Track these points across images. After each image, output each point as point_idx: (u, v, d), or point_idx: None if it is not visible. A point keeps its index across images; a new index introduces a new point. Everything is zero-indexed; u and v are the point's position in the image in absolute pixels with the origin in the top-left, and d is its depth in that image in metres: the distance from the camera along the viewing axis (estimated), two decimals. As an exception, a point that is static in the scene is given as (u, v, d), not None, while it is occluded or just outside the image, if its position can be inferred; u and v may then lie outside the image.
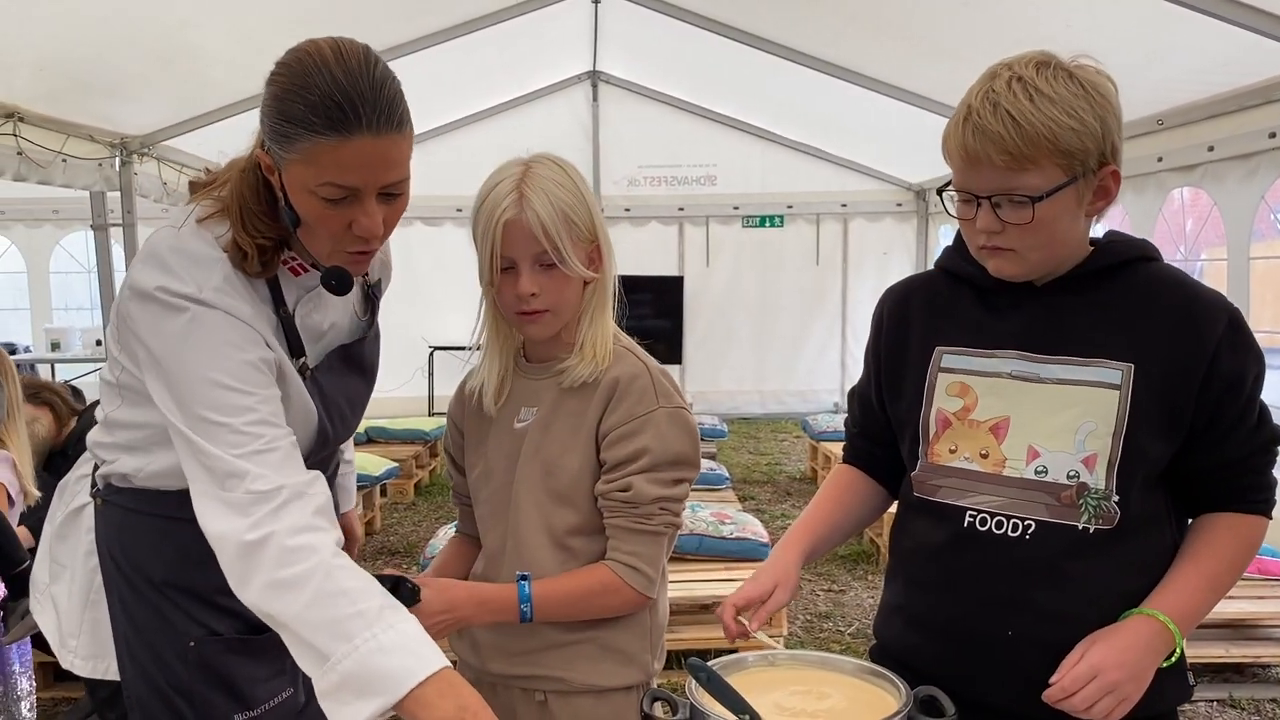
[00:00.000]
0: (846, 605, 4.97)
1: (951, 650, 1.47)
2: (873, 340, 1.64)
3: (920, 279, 1.62)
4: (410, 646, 1.23)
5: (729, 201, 9.63)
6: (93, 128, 5.63)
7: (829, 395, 9.82)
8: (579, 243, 1.50)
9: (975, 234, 1.41)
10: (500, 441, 1.60)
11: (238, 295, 1.45)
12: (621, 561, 1.52)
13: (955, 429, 1.47)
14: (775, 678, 1.34)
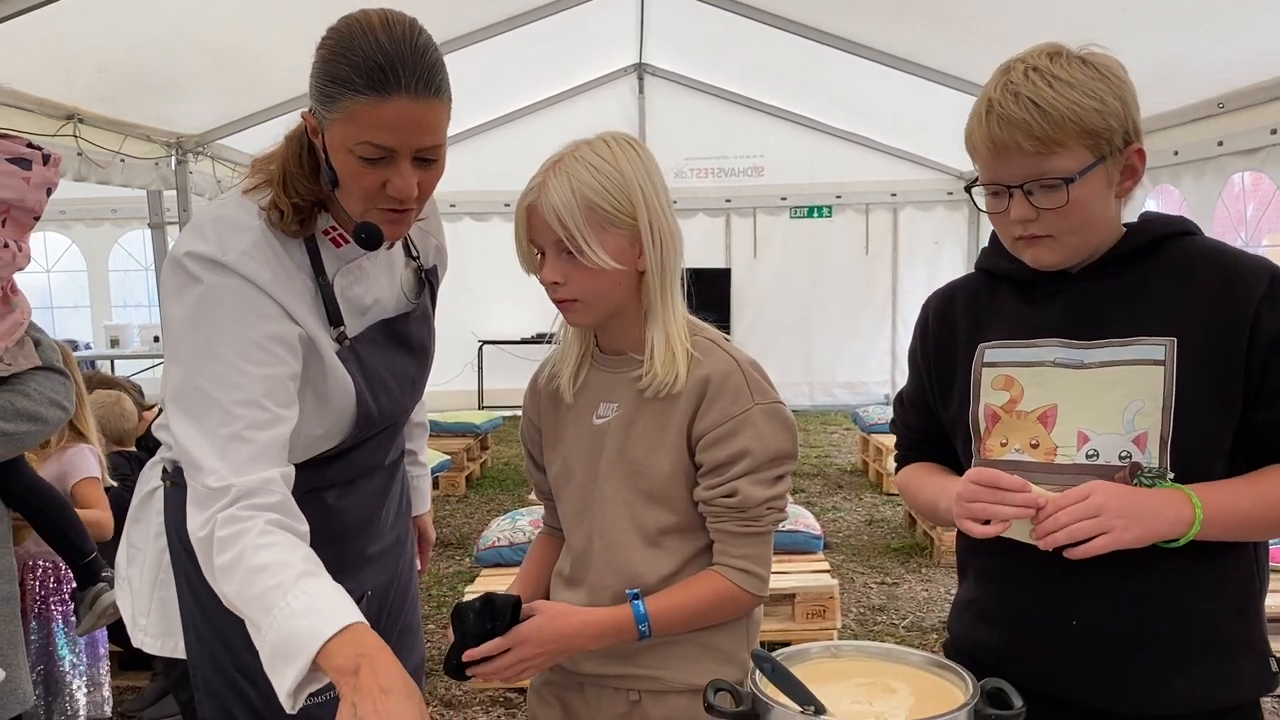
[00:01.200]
0: (900, 598, 4.92)
1: (1019, 642, 1.46)
2: (919, 344, 1.63)
3: (961, 282, 1.62)
4: (318, 606, 1.26)
5: (776, 192, 9.58)
6: (149, 128, 5.73)
7: (879, 387, 9.74)
8: (610, 229, 1.42)
9: (1009, 225, 1.41)
10: (579, 438, 1.55)
11: (263, 261, 1.47)
12: (734, 566, 1.48)
13: (1004, 422, 1.46)
14: (839, 669, 1.32)
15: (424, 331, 1.72)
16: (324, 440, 1.59)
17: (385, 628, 1.77)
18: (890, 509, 6.50)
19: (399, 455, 1.82)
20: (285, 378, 1.45)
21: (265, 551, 1.31)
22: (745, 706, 1.25)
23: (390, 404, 1.64)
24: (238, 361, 1.41)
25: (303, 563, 1.31)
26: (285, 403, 1.44)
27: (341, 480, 1.66)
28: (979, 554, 1.56)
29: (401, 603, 1.84)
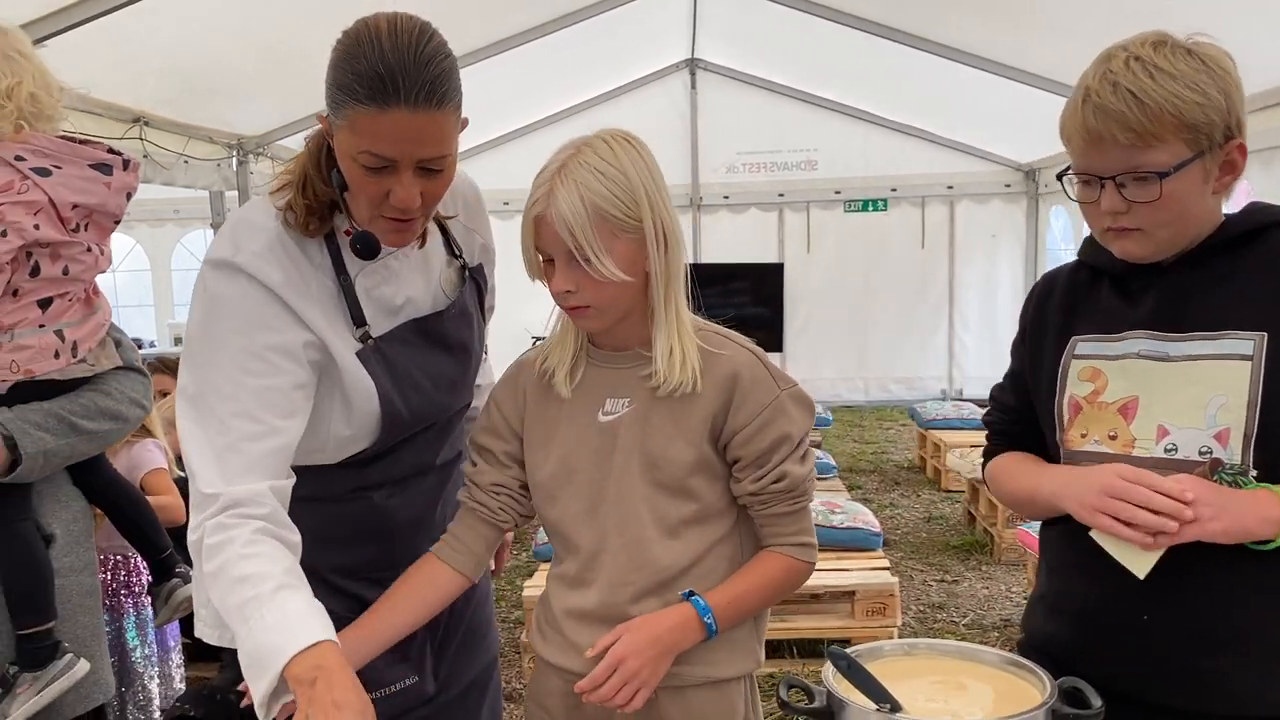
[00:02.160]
0: (960, 596, 4.87)
1: (1089, 637, 1.44)
2: (1022, 323, 1.63)
3: (1065, 270, 1.60)
4: (289, 622, 1.28)
5: (830, 186, 9.49)
6: (212, 129, 5.84)
7: (936, 382, 9.62)
8: (621, 235, 1.41)
9: (1099, 216, 1.40)
10: (582, 436, 1.53)
11: (274, 262, 1.47)
12: (792, 543, 1.52)
13: (1085, 413, 1.45)
14: (912, 667, 1.32)
15: (464, 330, 1.69)
16: (354, 441, 1.58)
17: (450, 627, 1.76)
18: (949, 506, 6.43)
19: (454, 456, 1.79)
20: (287, 388, 1.45)
21: (247, 563, 1.32)
22: (820, 703, 1.24)
23: (423, 404, 1.62)
24: (234, 373, 1.43)
25: (282, 575, 1.32)
26: (285, 413, 1.45)
27: (389, 480, 1.65)
28: (1051, 546, 1.55)
29: (466, 604, 1.80)
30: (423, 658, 1.71)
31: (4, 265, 1.77)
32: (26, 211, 1.78)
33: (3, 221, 1.76)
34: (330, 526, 1.63)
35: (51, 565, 1.87)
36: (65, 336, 1.89)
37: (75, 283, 1.90)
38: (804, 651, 4.02)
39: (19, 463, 1.81)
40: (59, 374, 1.89)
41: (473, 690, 1.82)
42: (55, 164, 1.83)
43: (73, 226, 1.86)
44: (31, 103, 1.82)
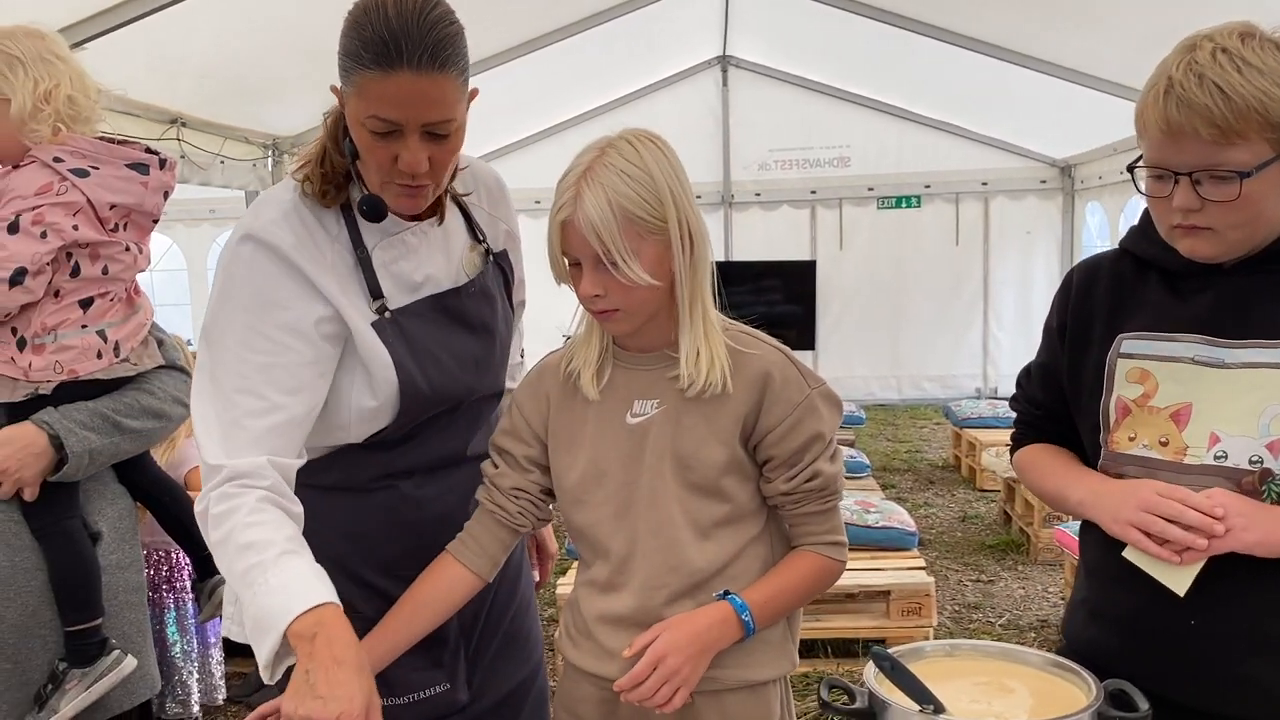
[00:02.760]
0: (996, 596, 4.83)
1: (1133, 643, 1.42)
2: (1056, 318, 1.57)
3: (1108, 258, 1.55)
4: (292, 585, 1.30)
5: (863, 183, 9.45)
6: (247, 130, 5.91)
7: (970, 381, 9.55)
8: (648, 237, 1.40)
9: (1169, 213, 1.35)
10: (612, 439, 1.52)
11: (288, 227, 1.50)
12: (824, 542, 1.52)
13: (1135, 416, 1.42)
14: (955, 667, 1.31)
15: (485, 310, 1.68)
16: (379, 413, 1.58)
17: (484, 634, 1.75)
18: (984, 505, 6.38)
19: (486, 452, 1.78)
20: (292, 365, 1.48)
21: (252, 530, 1.35)
22: (861, 704, 1.24)
23: (445, 379, 1.60)
24: (240, 350, 1.46)
25: (285, 542, 1.35)
26: (289, 390, 1.47)
27: (417, 468, 1.65)
28: (1090, 550, 1.52)
29: (505, 610, 1.79)
30: (456, 664, 1.70)
31: (45, 266, 1.80)
32: (65, 213, 1.81)
33: (42, 223, 1.78)
34: (360, 519, 1.63)
35: (99, 562, 1.90)
36: (108, 337, 1.91)
37: (115, 282, 1.93)
38: (838, 651, 4.01)
39: (65, 462, 1.83)
40: (103, 374, 1.91)
41: (510, 700, 1.79)
42: (93, 164, 1.85)
43: (111, 226, 1.89)
44: (69, 105, 1.84)
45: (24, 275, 1.77)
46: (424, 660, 1.66)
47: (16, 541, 1.82)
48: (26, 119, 1.79)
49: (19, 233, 1.77)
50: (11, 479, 1.79)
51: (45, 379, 1.85)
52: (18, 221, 1.77)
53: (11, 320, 1.82)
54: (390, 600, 1.63)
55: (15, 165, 1.82)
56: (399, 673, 1.63)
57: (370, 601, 1.63)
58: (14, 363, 1.83)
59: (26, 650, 1.83)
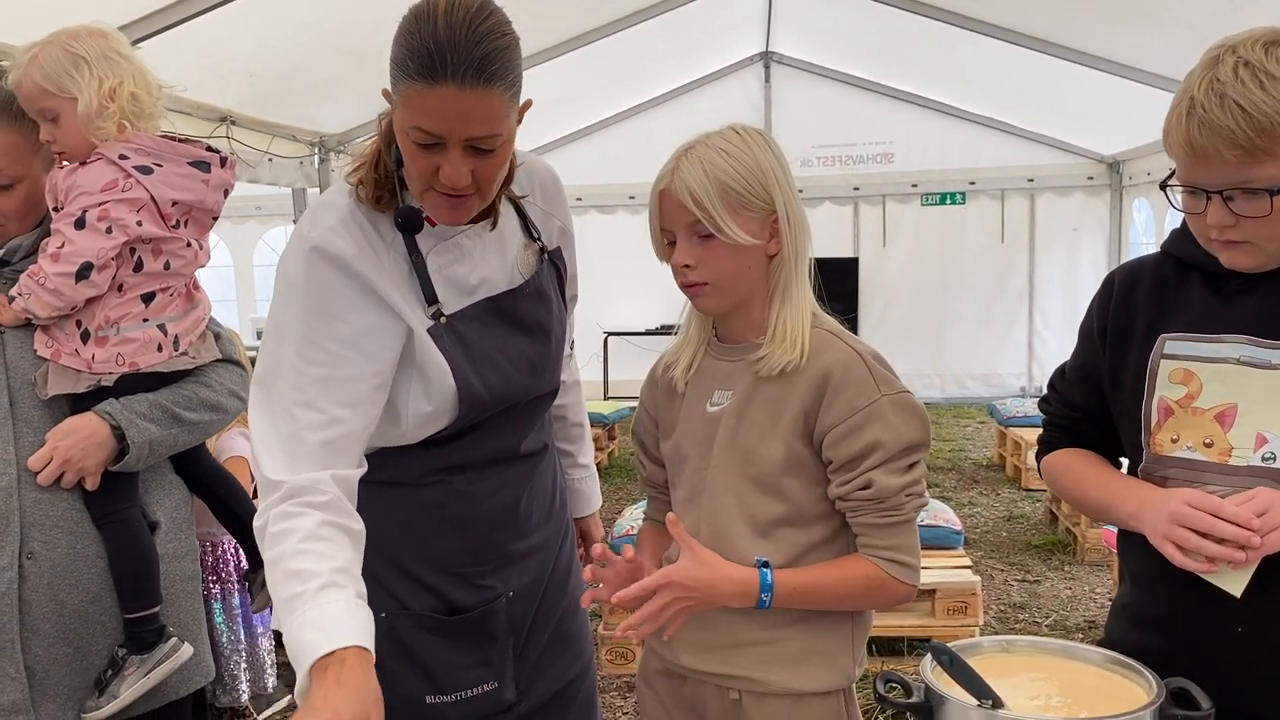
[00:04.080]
0: (1042, 596, 4.78)
1: (1179, 648, 1.39)
2: (1096, 320, 1.55)
3: (1150, 261, 1.53)
4: (324, 624, 1.28)
5: (907, 179, 9.37)
6: (295, 128, 5.98)
7: (1014, 379, 9.45)
8: (742, 211, 1.44)
9: (1205, 228, 1.34)
10: (692, 426, 1.56)
11: (347, 235, 1.50)
12: (883, 557, 1.45)
13: (1178, 417, 1.39)
14: (1012, 664, 1.30)
15: (540, 310, 1.67)
16: (436, 417, 1.58)
17: (533, 633, 1.75)
18: (1030, 505, 6.31)
19: (541, 448, 1.77)
20: (348, 379, 1.46)
21: (301, 558, 1.34)
22: (918, 698, 1.23)
23: (502, 383, 1.60)
24: (299, 362, 1.45)
25: (330, 574, 1.33)
26: (347, 404, 1.46)
27: (470, 464, 1.65)
28: (1133, 556, 1.49)
29: (554, 609, 1.78)
30: (504, 663, 1.70)
31: (109, 261, 1.83)
32: (130, 209, 1.84)
33: (108, 219, 1.82)
34: (413, 514, 1.64)
35: (157, 551, 1.93)
36: (168, 330, 1.95)
37: (176, 277, 1.96)
38: (883, 650, 3.98)
39: (126, 452, 1.87)
40: (163, 366, 1.94)
41: (558, 701, 1.78)
42: (156, 162, 1.88)
43: (173, 223, 1.92)
44: (133, 102, 1.88)
45: (90, 270, 1.81)
46: (472, 658, 1.67)
47: (78, 530, 1.86)
48: (93, 117, 1.82)
49: (85, 228, 1.81)
50: (75, 468, 1.83)
51: (107, 371, 1.88)
52: (84, 217, 1.81)
53: (76, 313, 1.86)
54: (443, 598, 1.65)
55: (82, 162, 1.85)
56: (447, 671, 1.66)
57: (420, 598, 1.65)
58: (78, 355, 1.87)
59: (87, 636, 1.86)
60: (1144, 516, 1.36)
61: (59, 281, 1.80)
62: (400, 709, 1.65)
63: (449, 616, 1.65)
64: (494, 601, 1.68)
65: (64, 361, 1.86)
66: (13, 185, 1.86)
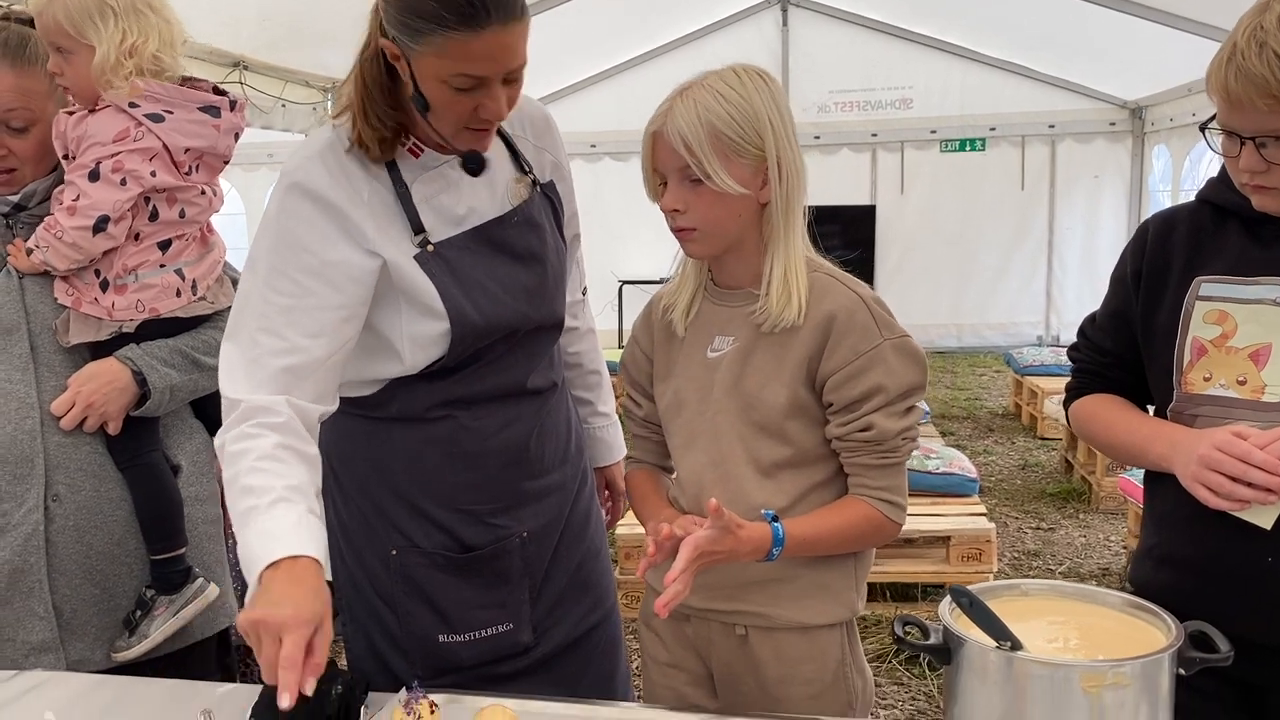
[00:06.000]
0: (1056, 544, 4.80)
1: (1207, 585, 1.41)
2: (1130, 265, 1.56)
3: (1185, 209, 1.54)
4: (276, 533, 1.32)
5: (926, 125, 9.26)
6: (308, 74, 5.93)
7: (1032, 329, 9.41)
8: (734, 158, 1.42)
9: (1240, 173, 1.37)
10: (691, 371, 1.56)
11: (323, 166, 1.53)
12: (877, 497, 1.48)
13: (1210, 356, 1.41)
14: (1030, 607, 1.30)
15: (532, 239, 1.67)
16: (432, 345, 1.60)
17: (549, 577, 1.75)
18: (1045, 453, 6.31)
19: (550, 385, 1.77)
20: (314, 309, 1.50)
21: (255, 475, 1.38)
22: (935, 640, 1.24)
23: (496, 308, 1.61)
24: (267, 293, 1.50)
25: (283, 490, 1.37)
26: (311, 332, 1.49)
27: (476, 398, 1.66)
28: (1160, 497, 1.51)
29: (571, 554, 1.78)
30: (519, 606, 1.71)
31: (125, 213, 1.83)
32: (143, 158, 1.83)
33: (122, 170, 1.81)
34: (420, 449, 1.66)
35: (180, 494, 1.95)
36: (185, 275, 1.95)
37: (191, 224, 1.96)
38: (897, 595, 4.01)
39: (147, 397, 1.88)
40: (182, 312, 1.95)
41: (578, 646, 1.80)
42: (167, 109, 1.87)
43: (186, 170, 1.91)
44: (153, 62, 1.85)
45: (107, 223, 1.80)
46: (486, 599, 1.68)
47: (102, 473, 1.88)
48: (106, 70, 1.80)
49: (100, 180, 1.80)
50: (97, 413, 1.84)
51: (128, 318, 1.89)
52: (98, 169, 1.80)
53: (95, 263, 1.86)
54: (454, 536, 1.66)
55: (92, 109, 1.84)
56: (460, 610, 1.68)
57: (431, 536, 1.67)
58: (98, 303, 1.87)
59: (113, 577, 1.89)
60: (1174, 458, 1.39)
61: (76, 235, 1.80)
62: (414, 647, 1.69)
63: (460, 554, 1.67)
64: (506, 540, 1.69)
65: (85, 310, 1.87)
66: (27, 128, 1.85)
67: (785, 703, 1.51)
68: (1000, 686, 1.18)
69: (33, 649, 1.82)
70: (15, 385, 1.82)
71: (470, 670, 1.68)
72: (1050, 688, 1.14)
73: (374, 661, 1.72)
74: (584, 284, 1.99)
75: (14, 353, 1.83)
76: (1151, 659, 1.15)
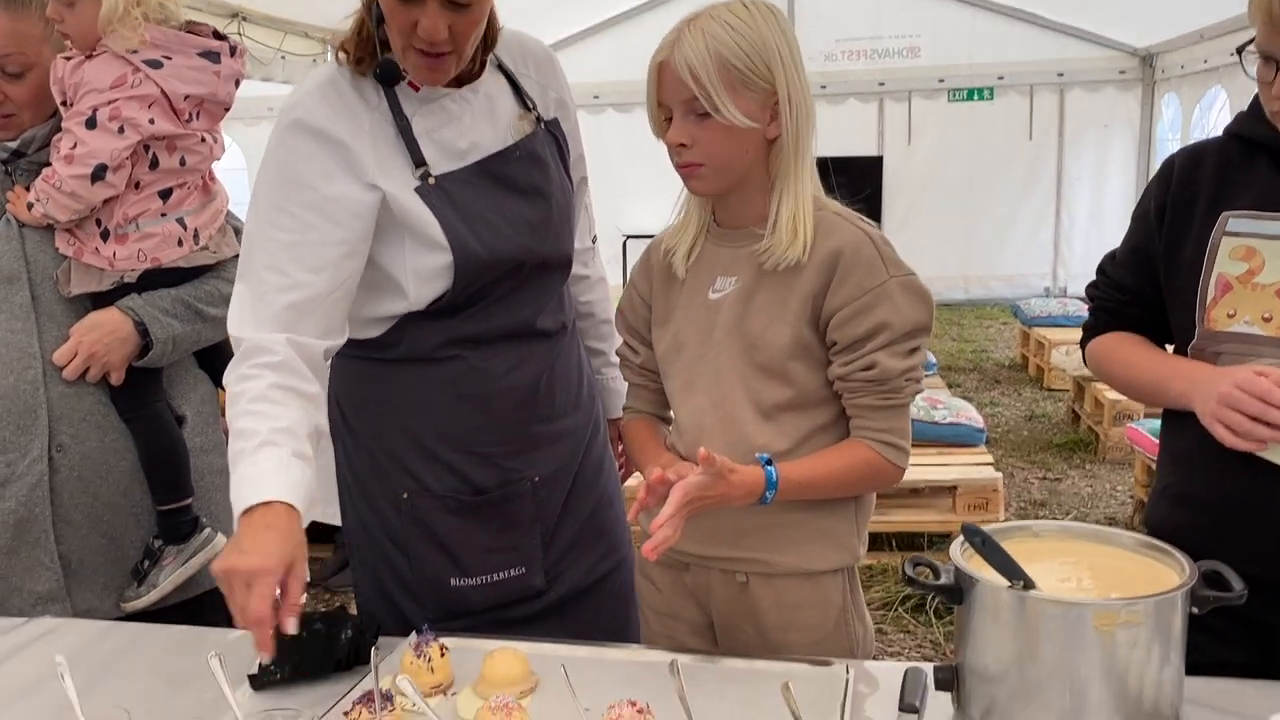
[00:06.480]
0: (1062, 493, 4.80)
1: (1224, 524, 1.40)
2: (1155, 200, 1.53)
3: (1212, 143, 1.51)
4: (255, 478, 1.34)
5: (933, 74, 9.14)
6: (307, 24, 5.87)
7: (1039, 280, 9.36)
8: (742, 90, 1.39)
9: (1271, 99, 1.34)
10: (692, 313, 1.53)
11: (324, 100, 1.53)
12: (878, 440, 1.45)
13: (1236, 293, 1.38)
14: (1042, 548, 1.29)
15: (534, 174, 1.66)
16: (438, 276, 1.59)
17: (562, 522, 1.75)
18: (1051, 404, 6.30)
19: (560, 328, 1.75)
20: (316, 244, 1.50)
21: (247, 418, 1.40)
22: (946, 580, 1.23)
23: (498, 241, 1.60)
24: (269, 230, 1.50)
25: (269, 433, 1.38)
26: (314, 268, 1.49)
27: (484, 337, 1.65)
28: (1180, 435, 1.49)
29: (583, 502, 1.78)
30: (531, 550, 1.71)
31: (124, 161, 1.81)
32: (141, 106, 1.81)
33: (119, 118, 1.78)
34: (430, 390, 1.65)
35: (185, 444, 1.95)
36: (187, 224, 1.93)
37: (192, 173, 1.93)
38: (903, 545, 4.02)
39: (150, 347, 1.87)
40: (184, 262, 1.93)
41: (590, 592, 1.79)
42: (165, 55, 1.84)
43: (186, 117, 1.88)
44: (159, 10, 1.83)
45: (105, 171, 1.78)
46: (498, 542, 1.68)
47: (106, 424, 1.87)
48: (113, 19, 1.77)
49: (97, 128, 1.78)
50: (99, 363, 1.83)
51: (130, 268, 1.87)
52: (95, 116, 1.78)
53: (95, 213, 1.84)
54: (465, 479, 1.66)
55: (88, 55, 1.81)
56: (471, 553, 1.68)
57: (442, 479, 1.66)
58: (99, 253, 1.85)
59: (120, 527, 1.89)
60: (1194, 395, 1.37)
61: (75, 184, 1.77)
62: (424, 591, 1.69)
63: (472, 497, 1.67)
64: (518, 484, 1.68)
65: (86, 260, 1.85)
66: (23, 73, 1.82)
67: (786, 649, 1.50)
68: (1012, 626, 1.17)
69: (40, 598, 1.83)
70: (17, 335, 1.81)
71: (481, 614, 1.68)
72: (1063, 627, 1.13)
73: (384, 605, 1.72)
74: (594, 231, 1.97)
75: (15, 302, 1.82)
76: (1165, 597, 1.14)
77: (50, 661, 1.29)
